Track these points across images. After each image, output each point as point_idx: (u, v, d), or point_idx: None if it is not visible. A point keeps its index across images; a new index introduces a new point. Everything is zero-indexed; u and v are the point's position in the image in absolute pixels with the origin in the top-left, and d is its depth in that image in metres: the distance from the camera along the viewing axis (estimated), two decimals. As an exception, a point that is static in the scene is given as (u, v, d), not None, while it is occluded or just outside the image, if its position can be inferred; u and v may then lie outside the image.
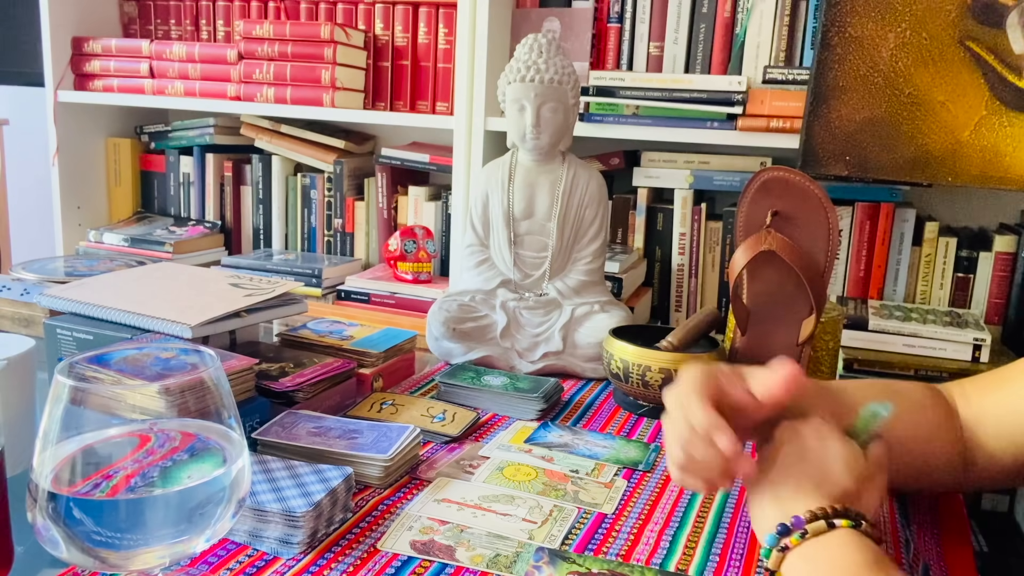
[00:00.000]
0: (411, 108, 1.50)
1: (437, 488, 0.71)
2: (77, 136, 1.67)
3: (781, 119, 1.21)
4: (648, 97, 1.27)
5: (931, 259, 1.26)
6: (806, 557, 0.54)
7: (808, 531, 0.54)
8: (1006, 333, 1.24)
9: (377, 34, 1.49)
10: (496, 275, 1.08)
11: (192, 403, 0.46)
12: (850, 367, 1.13)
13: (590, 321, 1.04)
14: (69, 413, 0.44)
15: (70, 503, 0.43)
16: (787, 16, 1.26)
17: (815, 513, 0.54)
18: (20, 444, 0.68)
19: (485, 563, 0.60)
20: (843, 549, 0.53)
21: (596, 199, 1.07)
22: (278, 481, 0.63)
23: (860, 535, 0.54)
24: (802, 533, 0.54)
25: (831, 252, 0.88)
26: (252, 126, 1.59)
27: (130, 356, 0.53)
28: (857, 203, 1.27)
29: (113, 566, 0.44)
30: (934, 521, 0.72)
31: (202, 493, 0.45)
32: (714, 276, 1.36)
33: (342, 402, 0.89)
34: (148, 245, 1.57)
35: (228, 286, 0.93)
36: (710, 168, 1.33)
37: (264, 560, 0.59)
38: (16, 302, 1.06)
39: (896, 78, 1.11)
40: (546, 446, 0.82)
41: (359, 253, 1.58)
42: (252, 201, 1.64)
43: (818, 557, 0.53)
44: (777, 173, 0.89)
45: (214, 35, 1.64)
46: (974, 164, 1.10)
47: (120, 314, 0.83)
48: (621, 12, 1.34)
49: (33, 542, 0.46)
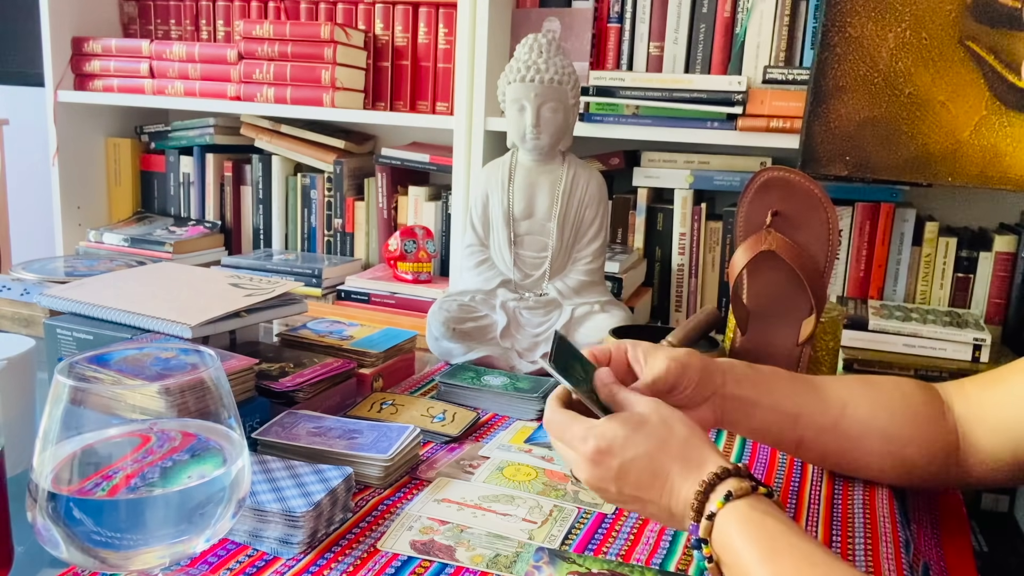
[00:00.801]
0: (411, 108, 1.50)
1: (437, 488, 0.71)
2: (77, 136, 1.67)
3: (781, 119, 1.21)
4: (648, 97, 1.27)
5: (931, 259, 1.26)
6: (742, 516, 0.52)
7: (732, 492, 0.52)
8: (1006, 333, 1.24)
9: (377, 34, 1.50)
10: (496, 275, 1.08)
11: (192, 403, 0.46)
12: (850, 367, 1.13)
13: (590, 321, 1.04)
14: (69, 413, 0.44)
15: (70, 503, 0.43)
16: (787, 16, 1.26)
17: (718, 474, 0.53)
18: (20, 444, 0.68)
19: (485, 563, 0.60)
20: (771, 507, 0.52)
21: (596, 199, 1.07)
22: (278, 481, 0.63)
23: (772, 502, 0.53)
24: (726, 495, 0.52)
25: (831, 252, 0.88)
26: (252, 126, 1.59)
27: (130, 356, 0.53)
28: (857, 203, 1.27)
29: (113, 566, 0.44)
30: (934, 521, 0.72)
31: (202, 493, 0.45)
32: (714, 276, 1.36)
33: (342, 402, 0.89)
34: (148, 245, 1.57)
35: (228, 286, 0.93)
36: (710, 168, 1.33)
37: (264, 560, 0.59)
38: (16, 302, 1.06)
39: (896, 78, 1.11)
40: (546, 446, 0.82)
41: (359, 253, 1.58)
42: (252, 201, 1.64)
43: (747, 519, 0.52)
44: (777, 173, 0.89)
45: (214, 35, 1.64)
46: (974, 164, 1.10)
47: (120, 314, 0.83)
48: (621, 12, 1.34)
49: (33, 542, 0.46)
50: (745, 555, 0.51)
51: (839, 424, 0.69)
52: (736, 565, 0.51)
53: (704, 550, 0.53)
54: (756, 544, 0.51)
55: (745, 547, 0.51)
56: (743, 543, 0.51)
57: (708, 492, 0.54)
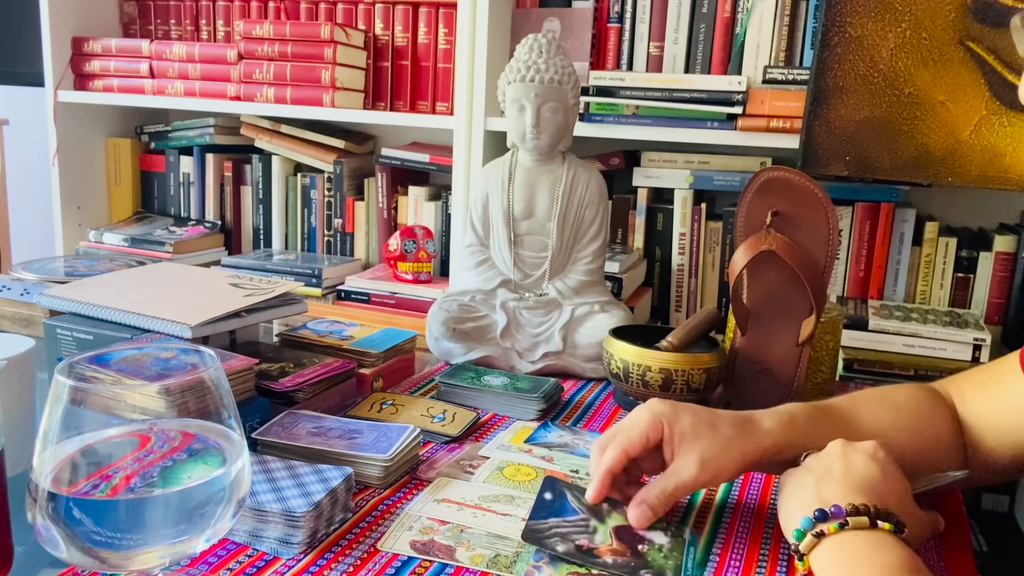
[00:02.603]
0: (411, 108, 1.50)
1: (437, 488, 0.71)
2: (77, 136, 1.67)
3: (781, 119, 1.21)
4: (648, 97, 1.27)
5: (931, 259, 1.26)
6: (842, 547, 0.53)
7: (849, 522, 0.53)
8: (1006, 333, 1.24)
9: (377, 34, 1.49)
10: (496, 275, 1.08)
11: (192, 403, 0.46)
12: (850, 367, 1.13)
13: (590, 321, 1.04)
14: (69, 413, 0.44)
15: (70, 503, 0.43)
16: (787, 16, 1.26)
17: (857, 507, 0.54)
18: (20, 444, 0.68)
19: (485, 563, 0.60)
20: (880, 546, 0.52)
21: (596, 199, 1.07)
22: (278, 481, 0.63)
23: (899, 540, 0.53)
24: (842, 523, 0.53)
25: (831, 252, 0.88)
26: (252, 126, 1.59)
27: (130, 356, 0.53)
28: (857, 203, 1.27)
29: (113, 566, 0.44)
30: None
31: (202, 493, 0.45)
32: (714, 276, 1.36)
33: (342, 402, 0.89)
34: (148, 245, 1.57)
35: (228, 286, 0.93)
36: (710, 168, 1.33)
37: (264, 560, 0.59)
38: (16, 302, 1.06)
39: (896, 78, 1.11)
40: (546, 446, 0.82)
41: (359, 253, 1.58)
42: (252, 201, 1.64)
43: (854, 550, 0.52)
44: (777, 173, 0.89)
45: (214, 35, 1.64)
46: (974, 164, 1.10)
47: (120, 314, 0.83)
48: (621, 12, 1.34)
49: (33, 542, 0.46)
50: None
51: None
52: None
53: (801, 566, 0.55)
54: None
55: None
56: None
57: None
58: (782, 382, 0.91)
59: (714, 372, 0.91)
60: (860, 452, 0.59)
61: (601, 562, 0.59)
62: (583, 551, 0.60)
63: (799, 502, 0.58)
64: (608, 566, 0.59)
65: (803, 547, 0.54)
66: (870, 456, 0.59)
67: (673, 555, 0.61)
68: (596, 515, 0.64)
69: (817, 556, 0.54)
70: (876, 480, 0.57)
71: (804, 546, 0.54)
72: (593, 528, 0.62)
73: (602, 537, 0.62)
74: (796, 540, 0.55)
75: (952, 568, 0.65)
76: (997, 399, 0.70)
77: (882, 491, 0.56)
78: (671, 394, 0.90)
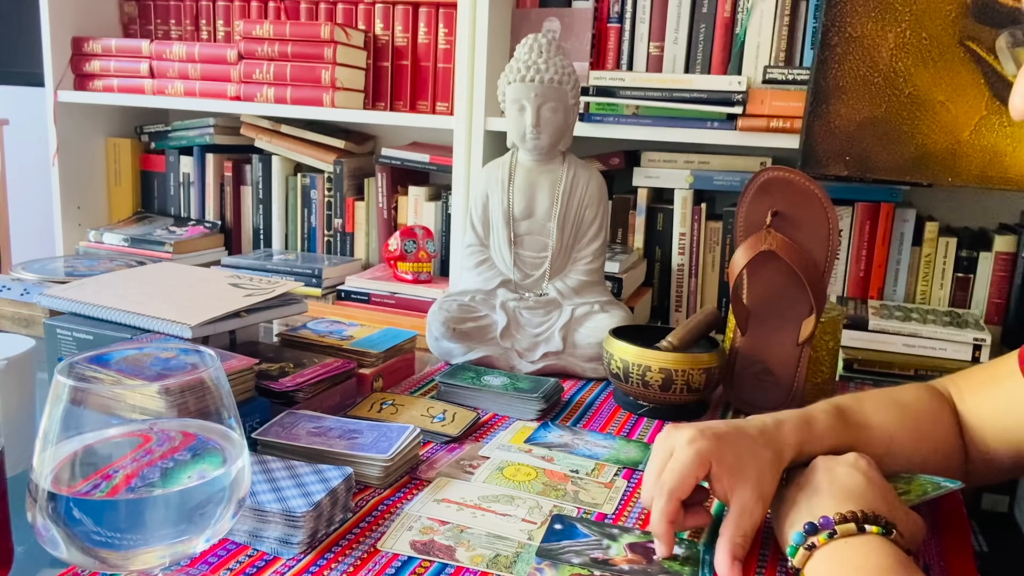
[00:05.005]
0: (411, 108, 1.50)
1: (437, 488, 0.71)
2: (77, 136, 1.67)
3: (781, 119, 1.21)
4: (648, 97, 1.27)
5: (931, 259, 1.26)
6: (833, 557, 0.54)
7: (837, 531, 0.54)
8: (1006, 333, 1.24)
9: (377, 34, 1.49)
10: (496, 275, 1.08)
11: (192, 403, 0.46)
12: (850, 367, 1.13)
13: (590, 321, 1.04)
14: (69, 413, 0.44)
15: (70, 503, 0.43)
16: (787, 16, 1.26)
17: (844, 515, 0.54)
18: (20, 444, 0.68)
19: (485, 563, 0.60)
20: (868, 550, 0.53)
21: (596, 199, 1.07)
22: (278, 481, 0.63)
23: (888, 541, 0.53)
24: (830, 533, 0.54)
25: (831, 252, 0.88)
26: (252, 126, 1.59)
27: (130, 356, 0.53)
28: (857, 203, 1.27)
29: (113, 566, 0.44)
30: (934, 521, 0.72)
31: (202, 493, 0.45)
32: (714, 276, 1.36)
33: (342, 402, 0.89)
34: (148, 245, 1.57)
35: (228, 286, 0.93)
36: (710, 168, 1.33)
37: (264, 560, 0.59)
38: (16, 302, 1.06)
39: (896, 78, 1.11)
40: (546, 446, 0.82)
41: (359, 253, 1.58)
42: (252, 201, 1.64)
43: (844, 558, 0.53)
44: (777, 173, 0.89)
45: (214, 35, 1.64)
46: (974, 164, 1.10)
47: (120, 314, 0.83)
48: (621, 12, 1.34)
49: (33, 542, 0.46)
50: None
51: (883, 460, 0.67)
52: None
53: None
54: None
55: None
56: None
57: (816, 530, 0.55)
58: (782, 382, 0.91)
59: (714, 372, 0.91)
60: (843, 464, 0.61)
61: (617, 570, 0.59)
62: (599, 562, 0.60)
63: (792, 520, 0.59)
64: (625, 572, 0.59)
65: (797, 561, 0.56)
66: (851, 466, 0.60)
67: (688, 562, 0.61)
68: (608, 536, 0.64)
69: (811, 568, 0.55)
70: (861, 487, 0.58)
71: (798, 560, 0.55)
72: (607, 546, 0.63)
73: (616, 551, 0.62)
74: (791, 556, 0.56)
75: (952, 568, 0.65)
76: (996, 399, 0.70)
77: (868, 496, 0.57)
78: (671, 394, 0.90)
